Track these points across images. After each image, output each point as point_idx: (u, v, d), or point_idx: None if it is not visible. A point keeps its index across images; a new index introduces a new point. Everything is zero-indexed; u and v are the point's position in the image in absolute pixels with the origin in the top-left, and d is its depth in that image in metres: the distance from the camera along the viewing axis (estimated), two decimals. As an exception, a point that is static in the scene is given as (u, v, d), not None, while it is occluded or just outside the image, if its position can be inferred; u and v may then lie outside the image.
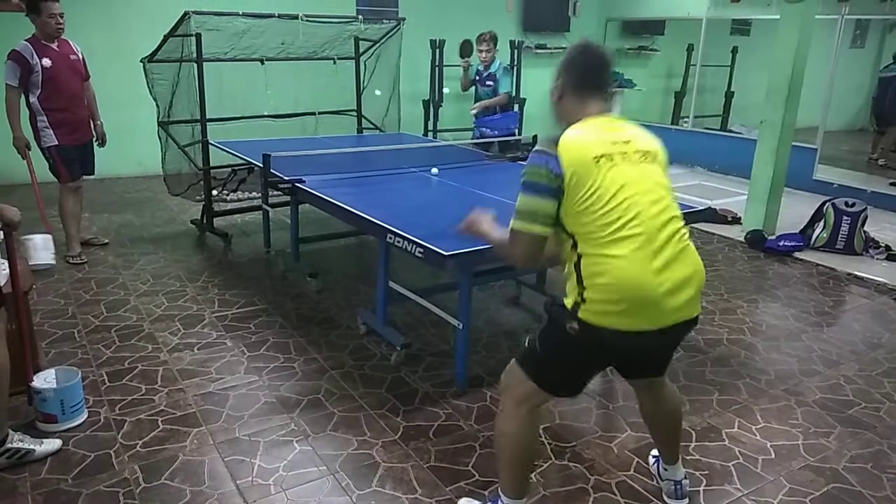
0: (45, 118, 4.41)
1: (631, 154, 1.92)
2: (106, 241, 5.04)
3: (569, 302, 1.90)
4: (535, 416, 2.08)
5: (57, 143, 4.46)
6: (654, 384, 2.24)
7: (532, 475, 2.29)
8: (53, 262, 4.32)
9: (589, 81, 2.02)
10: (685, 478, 2.38)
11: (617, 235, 1.83)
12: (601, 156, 1.87)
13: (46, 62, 4.32)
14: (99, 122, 4.79)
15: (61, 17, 4.38)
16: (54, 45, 4.41)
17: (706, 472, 2.58)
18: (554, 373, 2.02)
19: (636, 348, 1.95)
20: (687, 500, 2.37)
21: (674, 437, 2.34)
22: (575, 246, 1.89)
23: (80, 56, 4.61)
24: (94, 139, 4.79)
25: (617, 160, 1.88)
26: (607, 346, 1.91)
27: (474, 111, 5.75)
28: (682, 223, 1.96)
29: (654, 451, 2.48)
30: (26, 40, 4.32)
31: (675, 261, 1.88)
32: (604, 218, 1.83)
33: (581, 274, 1.86)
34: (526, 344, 2.08)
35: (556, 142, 1.90)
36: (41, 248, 4.19)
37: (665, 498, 2.39)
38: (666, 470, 2.38)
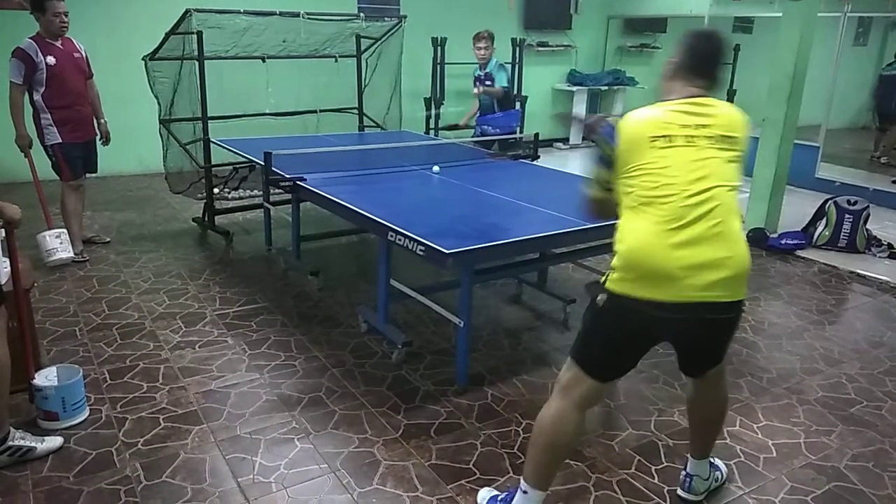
0: (48, 116, 4.41)
1: (700, 138, 1.96)
2: (108, 239, 5.04)
3: (604, 277, 2.01)
4: (578, 409, 2.09)
5: (60, 140, 4.46)
6: (708, 376, 2.22)
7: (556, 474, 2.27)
8: (72, 255, 4.35)
9: (696, 65, 2.08)
10: (699, 475, 2.36)
11: (643, 208, 1.93)
12: (659, 136, 1.95)
13: (51, 60, 4.33)
14: (103, 121, 4.79)
15: (66, 16, 4.39)
16: (58, 44, 4.41)
17: (707, 470, 2.57)
18: (593, 352, 2.08)
19: (661, 322, 1.94)
20: (694, 497, 2.36)
21: (705, 429, 2.34)
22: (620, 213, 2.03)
23: (84, 54, 4.62)
24: (99, 137, 4.79)
25: (677, 141, 1.95)
26: (630, 315, 1.95)
27: (478, 93, 5.76)
28: (730, 212, 1.95)
29: (685, 469, 2.43)
30: (30, 38, 4.32)
31: (703, 241, 1.89)
32: (638, 190, 1.94)
33: (615, 240, 1.99)
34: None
35: (625, 117, 2.04)
36: (58, 243, 4.21)
37: (678, 489, 2.40)
38: (689, 460, 2.38)
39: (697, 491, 2.37)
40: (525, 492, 2.14)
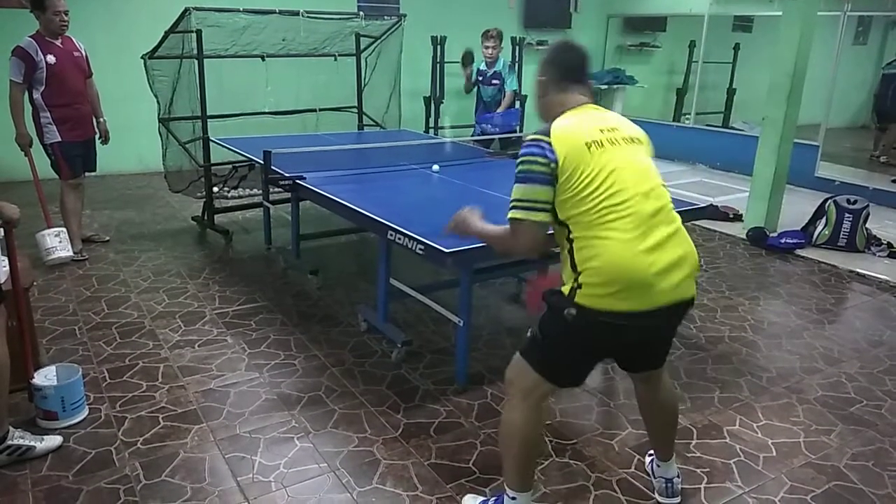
0: (48, 114, 4.41)
1: (619, 140, 1.99)
2: (107, 238, 5.03)
3: (566, 288, 1.93)
4: (541, 408, 2.09)
5: (60, 139, 4.46)
6: (653, 377, 2.24)
7: (535, 470, 2.29)
8: (71, 254, 4.35)
9: (571, 76, 2.10)
10: (678, 476, 2.38)
11: (607, 218, 1.87)
12: (592, 142, 1.93)
13: (51, 59, 4.32)
14: (102, 120, 4.79)
15: (66, 15, 4.39)
16: (58, 42, 4.41)
17: (707, 469, 2.57)
18: (557, 361, 2.03)
19: (634, 330, 1.94)
20: (678, 499, 2.36)
21: (669, 433, 2.34)
22: (568, 232, 1.93)
23: (84, 53, 4.61)
24: (98, 136, 4.79)
25: (606, 146, 1.95)
26: (605, 329, 1.92)
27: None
28: (672, 206, 2.01)
29: (651, 451, 2.48)
30: (30, 37, 4.31)
31: (666, 242, 1.92)
32: (595, 201, 1.88)
33: (574, 259, 1.91)
34: (528, 335, 2.09)
35: (547, 132, 1.96)
36: (57, 242, 4.21)
37: (657, 496, 2.38)
38: (659, 467, 2.38)
39: (679, 491, 2.37)
40: (514, 498, 2.13)
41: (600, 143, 1.94)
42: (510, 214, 1.97)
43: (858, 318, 4.15)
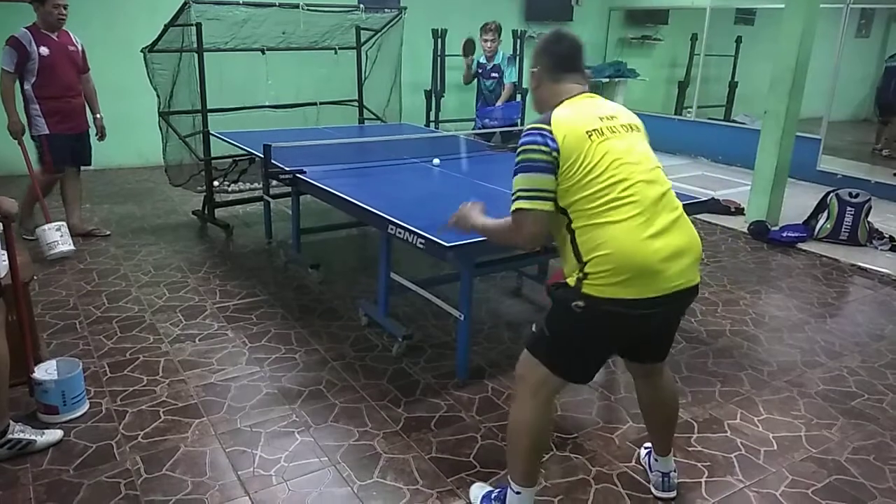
0: (37, 106, 4.44)
1: (618, 128, 1.98)
2: (108, 232, 5.03)
3: (571, 280, 1.91)
4: (550, 403, 2.09)
5: (48, 132, 4.50)
6: (654, 371, 2.24)
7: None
8: (73, 247, 4.37)
9: (564, 65, 2.08)
10: (674, 470, 2.37)
11: (611, 206, 1.86)
12: (592, 130, 1.93)
13: (44, 51, 4.33)
14: (99, 116, 4.80)
15: (65, 9, 4.41)
16: (54, 35, 4.42)
17: (708, 463, 2.57)
18: (566, 355, 2.01)
19: (641, 318, 1.92)
20: (674, 493, 2.36)
21: (669, 428, 2.33)
22: (569, 223, 1.92)
23: (80, 48, 4.62)
24: (95, 132, 4.79)
25: (606, 134, 1.94)
26: (613, 318, 1.90)
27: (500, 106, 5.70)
28: (674, 193, 2.00)
29: (647, 444, 2.48)
30: (26, 28, 4.34)
31: (671, 228, 1.92)
32: (598, 188, 1.87)
33: (578, 249, 1.89)
34: (533, 329, 2.08)
35: (547, 121, 1.94)
36: (58, 236, 4.21)
37: (653, 489, 2.38)
38: (657, 461, 2.37)
39: (675, 486, 2.37)
40: (518, 493, 2.12)
41: (601, 132, 1.93)
42: (515, 205, 1.93)
43: (860, 311, 4.14)
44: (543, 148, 1.89)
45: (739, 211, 5.95)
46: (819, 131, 7.20)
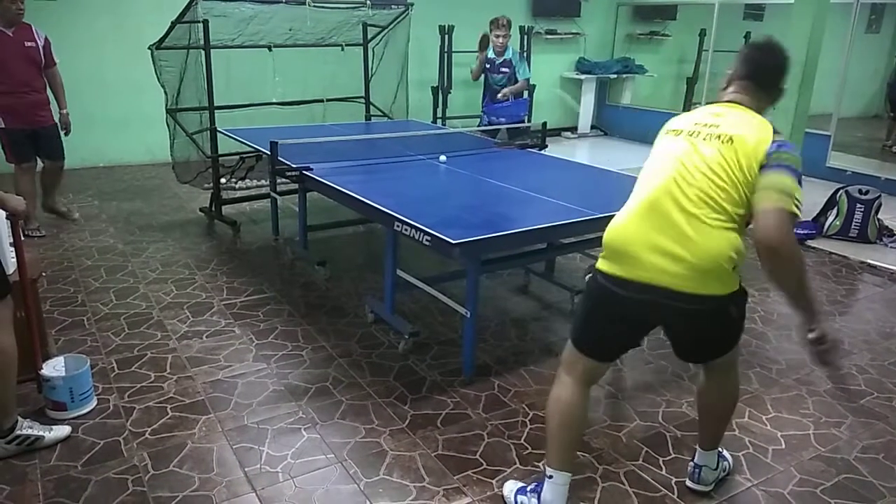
0: None
1: (704, 132, 1.99)
2: (76, 216, 5.18)
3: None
4: (582, 384, 2.15)
5: (3, 126, 4.59)
6: (710, 371, 2.23)
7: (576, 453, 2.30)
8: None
9: (741, 73, 2.10)
10: (707, 465, 2.35)
11: (633, 191, 2.05)
12: (674, 130, 2.07)
13: None
14: (64, 111, 4.91)
15: (22, 4, 4.50)
16: (9, 31, 4.51)
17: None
18: (577, 324, 2.17)
19: (630, 301, 1.98)
20: (700, 488, 2.36)
21: (713, 426, 2.34)
22: None
23: (40, 43, 4.68)
24: (60, 127, 4.89)
25: (683, 136, 2.02)
26: (603, 291, 2.03)
27: (504, 96, 5.63)
28: (714, 211, 1.91)
29: (693, 460, 2.43)
30: None
31: (671, 233, 1.91)
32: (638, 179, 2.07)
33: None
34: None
35: None
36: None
37: (687, 480, 2.39)
38: (697, 452, 2.38)
39: (706, 481, 2.37)
40: (550, 476, 2.16)
41: (679, 132, 2.03)
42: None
43: (870, 309, 4.11)
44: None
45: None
46: (829, 127, 7.15)
